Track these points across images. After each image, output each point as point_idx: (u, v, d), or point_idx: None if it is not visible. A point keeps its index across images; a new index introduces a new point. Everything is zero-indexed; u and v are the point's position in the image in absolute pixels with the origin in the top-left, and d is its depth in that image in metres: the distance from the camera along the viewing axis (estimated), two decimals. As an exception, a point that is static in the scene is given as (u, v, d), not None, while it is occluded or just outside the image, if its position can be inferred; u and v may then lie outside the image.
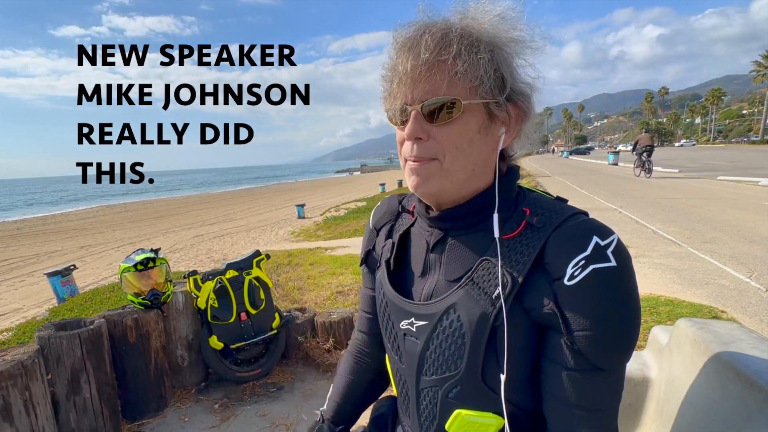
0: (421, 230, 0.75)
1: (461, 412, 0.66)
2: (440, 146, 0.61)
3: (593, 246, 0.56)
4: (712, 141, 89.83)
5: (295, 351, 2.84)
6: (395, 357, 0.77)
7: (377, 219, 0.87)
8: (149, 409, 2.29)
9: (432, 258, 0.72)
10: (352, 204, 15.84)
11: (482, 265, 0.64)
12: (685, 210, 7.79)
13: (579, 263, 0.56)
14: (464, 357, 0.63)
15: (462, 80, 0.58)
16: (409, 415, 0.76)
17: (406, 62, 0.58)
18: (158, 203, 29.57)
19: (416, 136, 0.61)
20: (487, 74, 0.58)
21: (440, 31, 0.58)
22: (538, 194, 0.68)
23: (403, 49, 0.59)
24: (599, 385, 0.58)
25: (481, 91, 0.59)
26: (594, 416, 0.59)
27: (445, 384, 0.67)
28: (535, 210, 0.63)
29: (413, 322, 0.70)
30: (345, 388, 0.92)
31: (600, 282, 0.55)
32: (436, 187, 0.64)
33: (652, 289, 3.77)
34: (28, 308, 5.73)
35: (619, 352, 0.57)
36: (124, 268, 2.28)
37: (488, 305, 0.61)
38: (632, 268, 0.57)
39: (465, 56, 0.57)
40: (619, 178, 15.91)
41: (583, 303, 0.55)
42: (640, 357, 1.17)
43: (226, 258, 7.73)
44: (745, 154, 28.36)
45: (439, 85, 0.59)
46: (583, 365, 0.57)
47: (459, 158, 0.62)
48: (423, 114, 0.60)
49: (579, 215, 0.62)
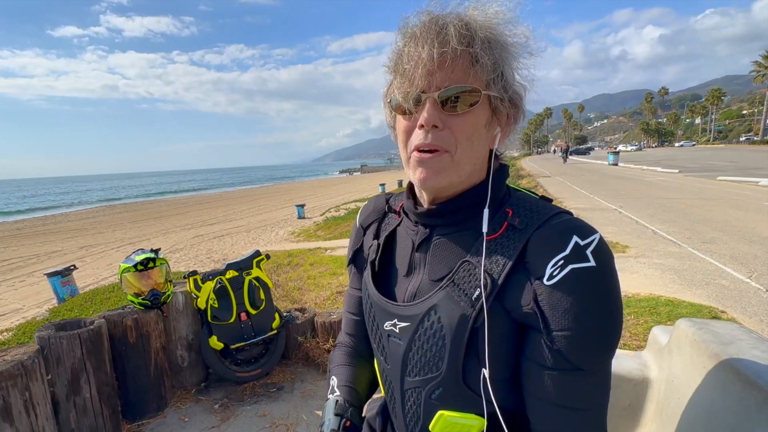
0: (407, 230, 0.76)
1: (444, 413, 0.66)
2: (453, 136, 0.61)
3: (572, 246, 0.56)
4: (711, 141, 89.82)
5: (295, 351, 2.84)
6: (381, 358, 0.77)
7: (364, 218, 0.87)
8: (149, 409, 2.29)
9: (417, 257, 0.72)
10: (352, 204, 15.84)
11: (463, 267, 0.64)
12: (685, 210, 7.79)
13: (558, 263, 0.56)
14: (445, 359, 0.63)
15: (480, 72, 0.60)
16: (396, 415, 0.77)
17: (431, 49, 0.58)
18: (158, 203, 29.57)
19: (433, 123, 0.60)
20: (499, 69, 0.60)
21: (461, 23, 0.59)
22: (522, 194, 0.69)
23: (423, 37, 0.59)
24: (580, 384, 0.58)
25: (494, 85, 0.61)
26: (576, 415, 0.58)
27: (427, 385, 0.67)
28: (518, 211, 0.64)
29: (396, 323, 0.70)
30: (351, 375, 0.88)
31: (578, 282, 0.55)
32: (447, 180, 0.64)
33: (652, 290, 3.77)
34: (28, 308, 5.72)
35: (599, 351, 0.57)
36: (124, 268, 2.28)
37: (468, 307, 0.61)
38: (613, 268, 0.57)
39: (486, 49, 0.59)
40: (620, 178, 15.90)
41: (561, 302, 0.55)
42: (640, 357, 1.17)
43: (226, 258, 7.73)
44: (745, 155, 28.36)
45: (459, 75, 0.59)
46: (563, 365, 0.57)
47: (468, 150, 0.63)
48: (439, 103, 0.60)
49: (561, 215, 0.62)
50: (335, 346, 0.97)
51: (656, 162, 24.74)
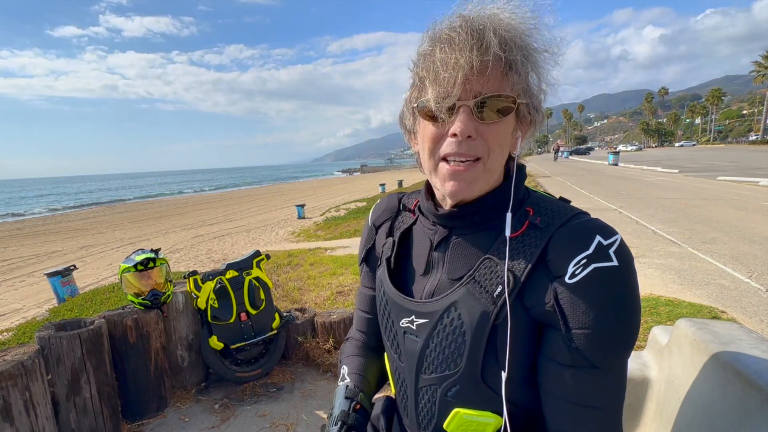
0: (424, 228, 0.76)
1: (460, 410, 0.66)
2: (486, 145, 0.61)
3: (596, 245, 0.56)
4: (712, 141, 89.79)
5: (295, 351, 2.84)
6: (394, 356, 0.77)
7: (376, 216, 0.87)
8: (149, 410, 2.29)
9: (435, 256, 0.72)
10: (352, 204, 15.83)
11: (484, 264, 0.64)
12: (685, 210, 7.79)
13: (581, 262, 0.56)
14: (464, 355, 0.63)
15: (515, 80, 0.59)
16: (407, 414, 0.76)
17: (471, 56, 0.56)
18: (158, 203, 29.57)
19: (468, 133, 0.59)
20: (530, 78, 0.60)
21: (500, 28, 0.57)
22: (541, 194, 0.69)
23: (461, 43, 0.56)
24: (597, 382, 0.58)
25: (524, 93, 0.61)
26: (592, 414, 0.58)
27: (444, 383, 0.67)
28: (539, 210, 0.64)
29: (413, 320, 0.70)
30: (361, 364, 0.88)
31: (601, 281, 0.55)
32: (478, 190, 0.64)
33: (652, 290, 3.77)
34: (28, 308, 5.72)
35: (617, 351, 0.57)
36: (124, 268, 2.28)
37: (489, 303, 0.61)
38: (634, 269, 0.57)
39: (523, 58, 0.58)
40: (620, 178, 15.90)
41: (583, 301, 0.55)
42: (640, 357, 1.17)
43: (226, 258, 7.73)
44: (745, 155, 28.36)
45: (495, 83, 0.58)
46: (581, 363, 0.57)
47: (499, 157, 0.63)
48: (474, 111, 0.59)
49: (582, 215, 0.62)
50: (346, 340, 0.97)
51: (656, 162, 24.74)
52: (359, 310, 0.94)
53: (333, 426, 0.75)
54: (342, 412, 0.76)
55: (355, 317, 0.96)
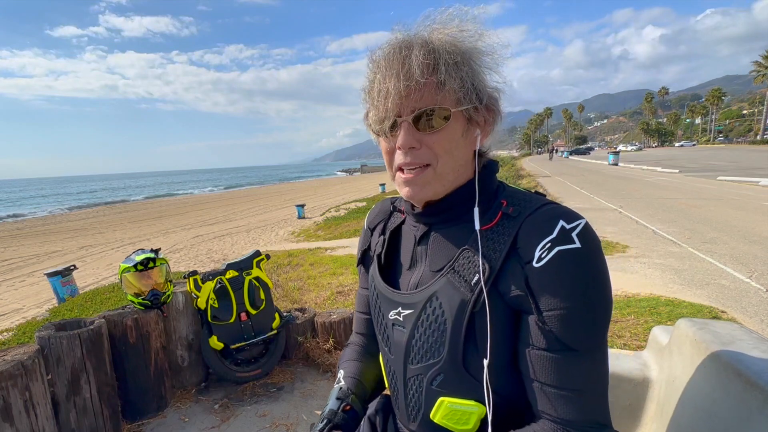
0: (410, 226, 0.80)
1: (445, 400, 0.68)
2: (433, 152, 0.65)
3: (559, 229, 0.59)
4: (712, 141, 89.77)
5: (295, 351, 2.84)
6: (385, 348, 0.80)
7: (371, 219, 0.92)
8: (149, 410, 2.29)
9: (419, 251, 0.76)
10: (352, 204, 15.84)
11: (463, 255, 0.67)
12: (685, 210, 7.79)
13: (545, 246, 0.59)
14: (446, 344, 0.66)
15: (449, 92, 0.63)
16: (399, 407, 0.79)
17: (398, 82, 0.61)
18: (158, 203, 29.58)
19: (410, 145, 0.65)
20: (468, 84, 0.63)
21: (424, 50, 0.61)
22: (515, 188, 0.73)
23: (389, 69, 0.62)
24: (575, 365, 0.59)
25: (465, 99, 0.64)
26: (573, 396, 0.59)
27: (429, 371, 0.69)
28: (511, 201, 0.67)
29: (400, 311, 0.74)
30: (357, 368, 0.91)
31: (565, 262, 0.58)
32: (432, 192, 0.68)
33: (653, 290, 3.77)
34: (28, 308, 5.72)
35: (589, 331, 0.59)
36: (124, 268, 2.28)
37: (467, 292, 0.64)
38: (599, 251, 0.60)
39: (452, 72, 0.62)
40: (620, 178, 15.91)
41: (550, 283, 0.58)
42: (640, 357, 1.17)
43: (226, 258, 7.73)
44: (745, 155, 28.35)
45: (429, 98, 0.63)
46: (556, 346, 0.59)
47: (449, 162, 0.67)
48: (414, 125, 0.64)
49: (551, 204, 0.65)
50: (346, 345, 1.00)
51: (656, 162, 24.75)
52: (358, 312, 0.97)
53: (320, 423, 0.79)
54: (330, 411, 0.80)
55: (354, 320, 0.99)
